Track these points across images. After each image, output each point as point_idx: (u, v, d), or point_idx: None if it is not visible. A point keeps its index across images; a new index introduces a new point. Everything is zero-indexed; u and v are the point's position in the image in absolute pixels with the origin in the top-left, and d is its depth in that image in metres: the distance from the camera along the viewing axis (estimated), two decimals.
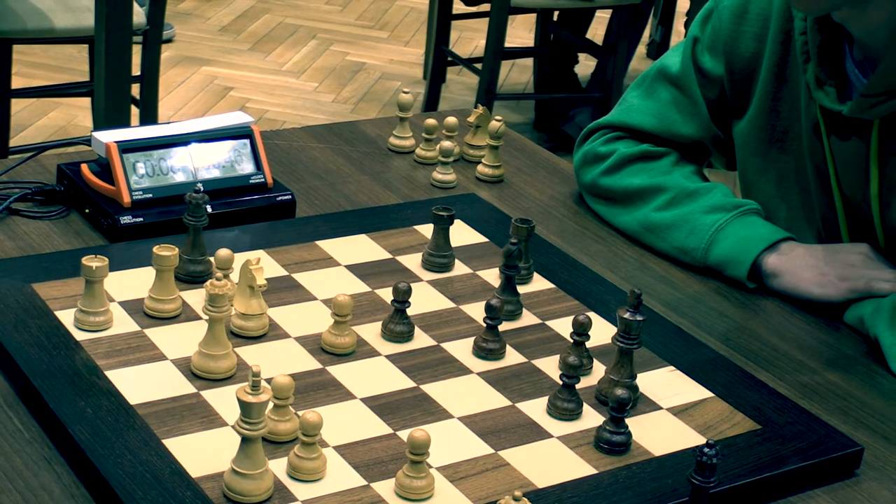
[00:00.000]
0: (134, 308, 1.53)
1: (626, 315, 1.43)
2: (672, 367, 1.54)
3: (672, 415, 1.46)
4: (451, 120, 2.07)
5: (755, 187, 1.88)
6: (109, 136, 1.76)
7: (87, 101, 3.80)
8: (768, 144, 1.84)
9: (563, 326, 1.59)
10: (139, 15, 3.61)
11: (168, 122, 1.83)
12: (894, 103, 1.62)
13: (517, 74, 5.27)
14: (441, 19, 4.67)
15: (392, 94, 5.03)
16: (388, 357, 1.51)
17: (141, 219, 1.72)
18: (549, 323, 1.62)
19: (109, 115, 3.55)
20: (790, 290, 1.75)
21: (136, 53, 3.64)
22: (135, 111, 3.72)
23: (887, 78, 1.62)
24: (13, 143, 3.77)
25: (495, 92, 4.53)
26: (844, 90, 1.70)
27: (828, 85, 1.70)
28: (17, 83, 3.71)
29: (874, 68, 1.65)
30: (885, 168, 1.70)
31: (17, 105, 3.82)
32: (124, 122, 3.57)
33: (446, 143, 1.99)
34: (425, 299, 1.63)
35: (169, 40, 3.90)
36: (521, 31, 4.99)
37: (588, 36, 4.93)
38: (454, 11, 4.66)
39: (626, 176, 1.89)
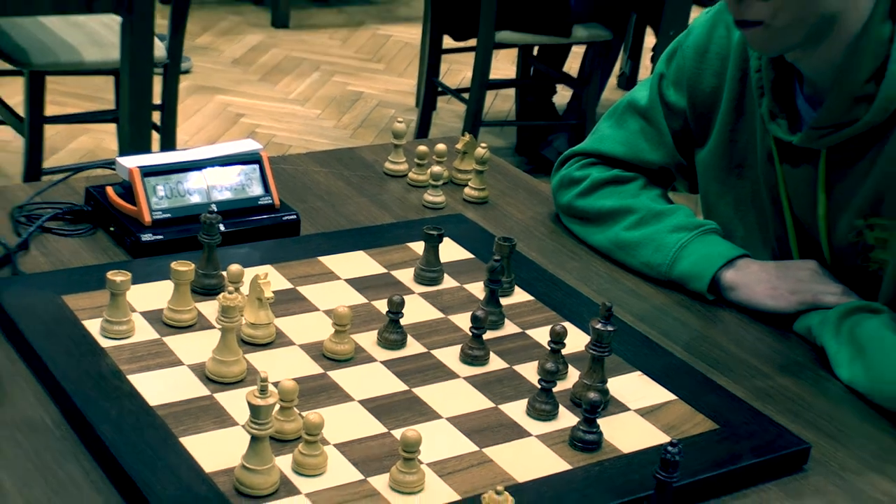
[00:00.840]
0: (154, 318, 1.53)
1: (598, 325, 1.43)
2: (640, 373, 1.55)
3: (639, 416, 1.46)
4: (441, 147, 2.06)
5: (715, 209, 1.88)
6: (132, 162, 1.76)
7: (112, 126, 3.80)
8: (727, 171, 1.84)
9: (541, 335, 1.59)
10: (160, 49, 3.61)
11: (185, 149, 1.83)
12: (839, 135, 1.63)
13: (500, 103, 5.27)
14: (432, 53, 4.67)
15: (387, 121, 5.03)
16: (383, 363, 1.51)
17: (160, 236, 1.72)
18: (528, 332, 1.62)
19: (133, 140, 3.54)
20: (746, 302, 1.76)
21: (157, 84, 3.63)
22: (155, 136, 3.71)
23: (833, 113, 1.62)
24: (46, 164, 3.76)
25: (481, 119, 4.54)
26: (795, 122, 1.71)
27: (780, 118, 1.70)
28: (50, 111, 3.71)
29: (821, 103, 1.66)
30: (832, 192, 1.70)
31: (50, 130, 3.81)
32: (146, 147, 3.57)
33: (436, 168, 1.99)
34: (417, 310, 1.63)
35: (187, 71, 3.90)
36: (504, 64, 4.99)
37: (565, 69, 4.93)
38: (444, 46, 4.66)
39: (598, 198, 1.89)
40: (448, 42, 4.68)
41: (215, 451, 1.29)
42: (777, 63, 1.70)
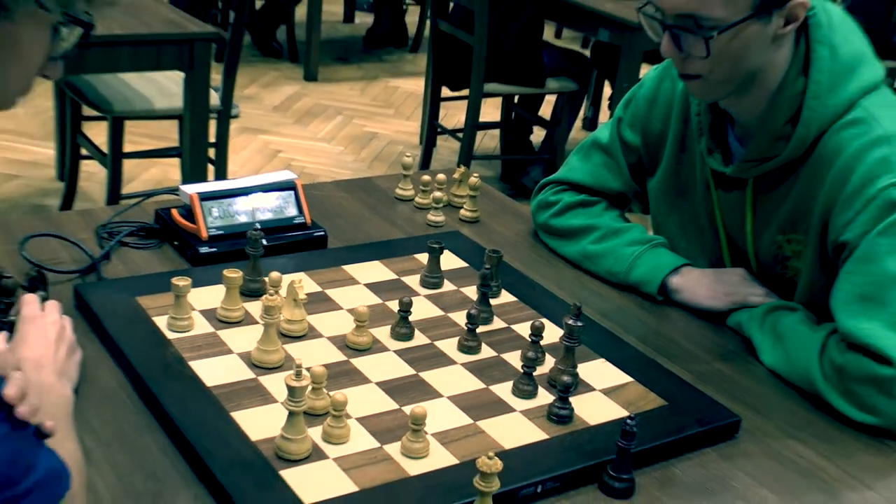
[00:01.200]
0: (209, 315, 1.53)
1: (570, 321, 1.43)
2: (604, 360, 1.54)
3: (603, 395, 1.46)
4: (441, 176, 2.05)
5: (663, 227, 1.88)
6: (192, 189, 1.76)
7: (176, 161, 3.79)
8: (673, 196, 1.84)
9: (523, 329, 1.59)
10: (214, 98, 3.60)
11: (234, 179, 1.82)
12: (763, 167, 1.63)
13: (488, 141, 5.27)
14: (433, 101, 4.68)
15: (397, 156, 5.03)
16: (395, 352, 1.51)
17: (215, 249, 1.72)
18: (513, 327, 1.62)
19: (192, 172, 3.54)
20: (688, 302, 1.75)
21: (212, 126, 3.63)
22: (210, 168, 3.70)
23: (758, 149, 1.63)
24: (124, 191, 3.76)
25: (472, 154, 4.54)
26: (727, 156, 1.71)
27: (716, 153, 1.70)
28: (127, 148, 3.71)
29: (749, 141, 1.66)
30: (757, 213, 1.70)
31: (127, 164, 3.81)
32: (203, 177, 3.57)
33: (437, 194, 1.98)
34: (422, 309, 1.63)
35: (236, 116, 3.91)
36: (491, 110, 4.99)
37: (539, 113, 4.92)
38: (442, 95, 4.66)
39: (568, 218, 1.89)
40: (445, 92, 4.68)
41: (259, 424, 1.30)
42: (713, 108, 1.70)
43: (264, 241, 1.62)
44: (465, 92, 4.43)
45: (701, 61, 1.53)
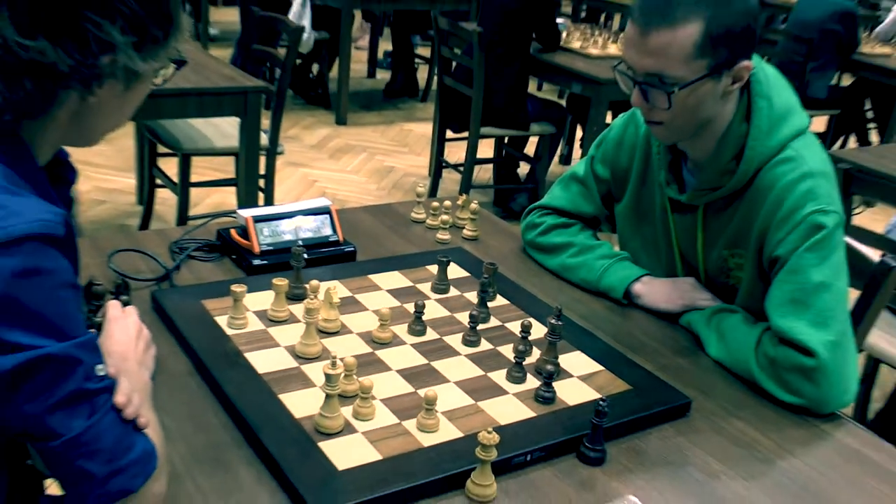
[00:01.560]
0: (261, 315, 1.52)
1: (553, 321, 1.43)
2: (580, 352, 1.53)
3: (580, 381, 1.45)
4: (447, 203, 2.06)
5: (628, 244, 1.87)
6: (246, 213, 1.76)
7: (233, 189, 3.79)
8: (636, 219, 1.83)
9: (515, 328, 1.58)
10: (263, 139, 3.61)
11: (280, 205, 1.81)
12: (712, 195, 1.63)
13: (483, 173, 5.27)
14: (439, 141, 4.68)
15: (411, 185, 5.03)
16: (411, 345, 1.50)
17: (265, 261, 1.71)
18: (506, 325, 1.60)
19: (246, 198, 3.54)
20: (648, 305, 1.74)
21: (262, 161, 3.63)
22: (260, 195, 3.71)
23: (708, 181, 1.63)
24: (191, 213, 3.77)
25: (471, 184, 4.54)
26: (682, 186, 1.70)
27: (672, 184, 1.70)
28: (193, 178, 3.71)
29: (699, 175, 1.65)
30: (706, 233, 1.69)
31: (193, 191, 3.82)
32: (254, 202, 3.57)
33: (444, 217, 1.98)
34: (433, 310, 1.62)
35: (281, 153, 3.91)
36: (486, 148, 4.98)
37: (525, 151, 4.92)
38: (447, 136, 4.66)
39: (551, 237, 1.88)
40: (450, 134, 4.68)
41: (301, 404, 1.29)
42: (670, 147, 1.70)
43: (305, 255, 1.61)
44: (466, 134, 4.44)
45: (663, 111, 1.52)
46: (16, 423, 0.94)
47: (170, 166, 3.88)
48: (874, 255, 1.96)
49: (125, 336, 1.23)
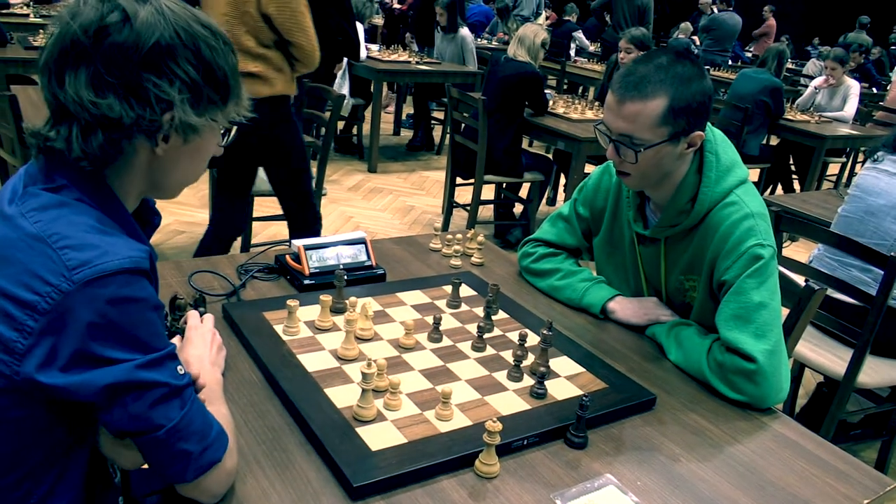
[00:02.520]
0: (310, 325, 1.50)
1: (545, 331, 1.41)
2: (566, 357, 1.51)
3: (566, 380, 1.43)
4: (458, 236, 2.05)
5: (604, 270, 1.85)
6: (299, 242, 1.75)
7: (286, 222, 3.79)
8: (610, 249, 1.82)
9: (513, 337, 1.56)
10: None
11: (325, 236, 1.81)
12: (671, 230, 1.63)
13: (486, 211, 5.26)
14: (451, 185, 4.67)
15: (428, 221, 5.02)
16: (430, 350, 1.48)
17: (313, 281, 1.70)
18: (507, 335, 1.58)
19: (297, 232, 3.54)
20: (620, 319, 1.72)
21: None
22: None
23: (667, 220, 1.62)
24: (253, 242, 3.76)
25: (476, 220, 4.53)
26: (646, 223, 1.69)
27: (638, 221, 1.69)
28: (255, 214, 3.71)
29: (659, 214, 1.65)
30: (667, 261, 1.68)
31: (255, 225, 3.82)
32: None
33: (456, 247, 1.97)
34: (448, 322, 1.60)
35: (324, 194, 3.91)
36: (488, 192, 4.98)
37: (519, 194, 4.92)
38: (457, 182, 4.66)
39: (542, 263, 1.87)
40: (459, 180, 4.68)
41: (342, 397, 1.27)
42: (638, 192, 1.69)
43: (346, 277, 1.60)
44: (472, 180, 4.43)
45: (631, 164, 1.53)
46: (127, 424, 0.93)
47: None
48: (800, 280, 1.95)
49: (202, 341, 1.24)
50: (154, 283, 1.00)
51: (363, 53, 6.01)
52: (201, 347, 1.22)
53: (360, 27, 5.91)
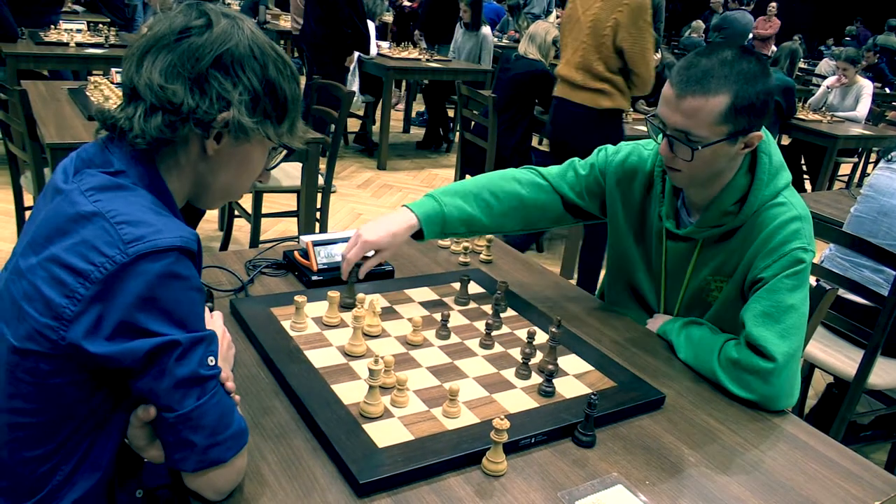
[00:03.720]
0: (318, 321, 1.50)
1: (553, 329, 1.40)
2: (575, 355, 1.50)
3: (574, 378, 1.42)
4: None
5: (619, 253, 1.80)
6: (307, 238, 1.75)
7: (295, 219, 3.80)
8: (637, 239, 1.77)
9: (522, 334, 1.56)
10: (320, 180, 3.61)
11: (333, 232, 1.80)
12: (711, 231, 1.60)
13: None
14: None
15: None
16: (438, 347, 1.47)
17: (321, 277, 1.70)
18: (515, 332, 1.58)
19: (306, 227, 3.54)
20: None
21: (319, 197, 3.64)
22: (317, 225, 3.71)
23: (709, 221, 1.59)
24: (262, 238, 3.77)
25: None
26: (677, 219, 1.68)
27: (670, 218, 1.67)
28: (264, 210, 3.71)
29: (694, 213, 1.64)
30: (698, 261, 1.65)
31: (264, 221, 3.83)
32: (312, 231, 3.57)
33: (465, 244, 1.96)
34: (456, 319, 1.60)
35: (334, 191, 3.90)
36: None
37: None
38: (466, 179, 4.64)
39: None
40: (468, 178, 4.66)
41: (349, 393, 1.27)
42: (673, 187, 1.66)
43: (359, 275, 1.60)
44: None
45: (684, 161, 1.49)
46: (148, 393, 0.96)
47: (245, 200, 3.89)
48: (811, 280, 1.93)
49: None
50: (199, 268, 1.03)
51: (373, 49, 6.00)
52: None
53: (370, 25, 5.90)
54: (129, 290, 0.92)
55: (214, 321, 1.27)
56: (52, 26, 5.12)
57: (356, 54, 5.57)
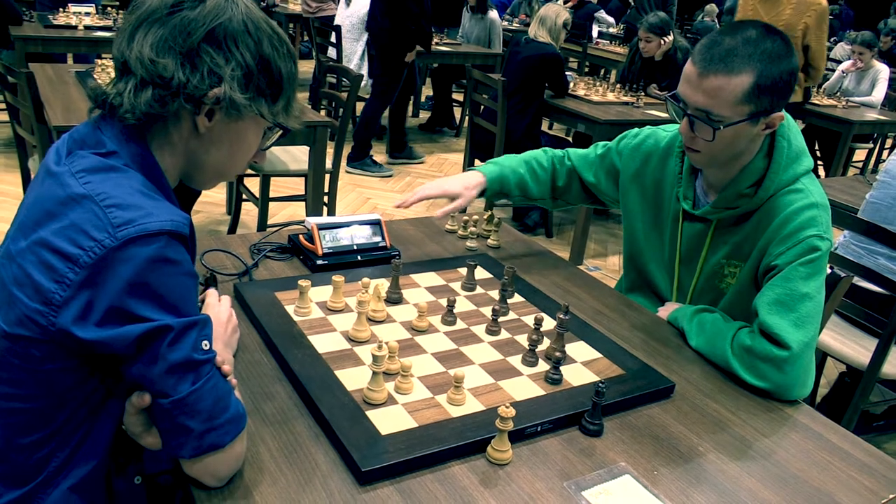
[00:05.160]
0: (322, 305, 1.48)
1: (561, 315, 1.38)
2: (583, 342, 1.48)
3: (582, 366, 1.40)
4: (475, 217, 2.02)
5: (635, 234, 1.81)
6: (313, 221, 1.72)
7: (303, 203, 3.78)
8: (652, 221, 1.76)
9: (529, 320, 1.53)
10: (328, 164, 3.59)
11: (340, 216, 1.78)
12: (727, 213, 1.58)
13: None
14: (469, 167, 4.62)
15: (446, 204, 4.99)
16: (444, 333, 1.45)
17: (326, 261, 1.68)
18: (522, 318, 1.55)
19: (313, 210, 3.53)
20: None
21: (326, 181, 3.62)
22: (324, 209, 3.69)
23: (724, 202, 1.57)
24: (269, 222, 3.76)
25: (494, 203, 4.49)
26: (695, 201, 1.66)
27: (687, 198, 1.65)
28: (272, 194, 3.70)
29: (712, 194, 1.62)
30: (712, 242, 1.64)
31: (271, 205, 3.82)
32: (319, 214, 3.55)
33: (473, 228, 1.94)
34: (462, 305, 1.57)
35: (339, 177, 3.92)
36: None
37: None
38: (475, 165, 4.61)
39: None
40: (477, 162, 4.63)
41: (353, 379, 1.25)
42: (692, 168, 1.64)
43: (359, 258, 1.58)
44: None
45: (704, 142, 1.47)
46: (142, 380, 0.94)
47: (253, 184, 3.88)
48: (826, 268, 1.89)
49: (218, 321, 1.24)
50: (191, 252, 1.01)
51: None
52: (216, 327, 1.21)
53: None
54: (118, 275, 0.90)
55: (222, 304, 1.26)
56: (62, 9, 5.11)
57: (365, 37, 5.53)
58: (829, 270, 1.75)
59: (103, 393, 1.00)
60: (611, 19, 9.62)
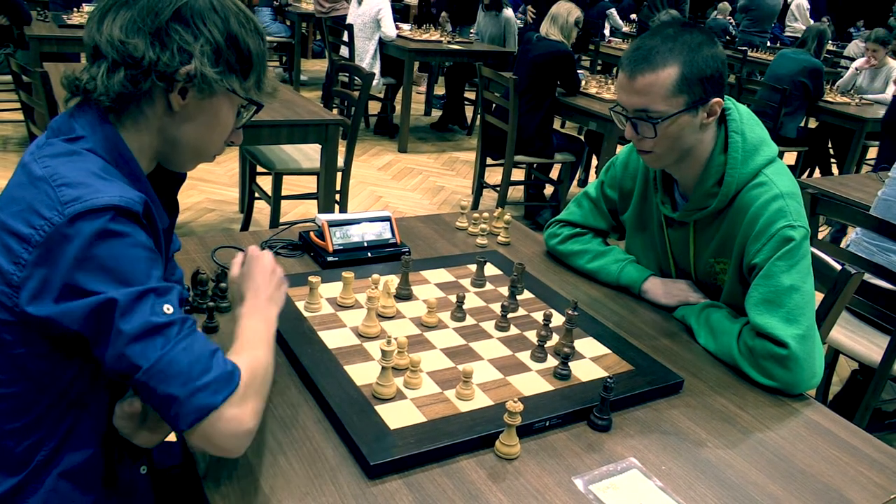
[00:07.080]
0: (332, 301, 1.49)
1: (570, 312, 1.38)
2: (591, 338, 1.48)
3: (591, 361, 1.40)
4: (486, 215, 2.02)
5: (633, 248, 1.81)
6: (323, 218, 1.73)
7: (314, 201, 3.80)
8: (640, 230, 1.78)
9: (538, 317, 1.53)
10: (340, 162, 3.60)
11: (351, 214, 1.79)
12: (700, 213, 1.59)
13: (516, 192, 5.22)
14: (481, 166, 4.63)
15: (457, 201, 4.99)
16: (453, 329, 1.46)
17: (337, 258, 1.68)
18: (531, 314, 1.55)
19: (324, 208, 3.54)
20: (652, 300, 1.69)
21: (338, 179, 3.63)
22: (336, 207, 3.70)
23: (695, 203, 1.58)
24: (281, 220, 3.77)
25: (506, 200, 4.49)
26: (674, 206, 1.66)
27: (667, 204, 1.65)
28: (284, 192, 3.72)
29: (688, 197, 1.61)
30: (696, 243, 1.64)
31: (283, 203, 3.83)
32: (331, 211, 3.56)
33: (483, 226, 1.94)
34: (472, 301, 1.58)
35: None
36: (518, 172, 4.93)
37: (550, 175, 4.87)
38: (487, 163, 4.62)
39: (569, 245, 1.84)
40: (489, 161, 4.64)
41: (362, 374, 1.25)
42: (664, 173, 1.65)
43: (369, 254, 1.58)
44: (502, 161, 4.39)
45: (651, 140, 1.49)
46: (113, 363, 0.92)
47: (265, 183, 3.90)
48: (836, 265, 1.88)
49: (261, 272, 1.18)
50: (150, 233, 0.99)
51: (394, 31, 5.96)
52: (259, 278, 1.17)
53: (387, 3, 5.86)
54: (67, 252, 0.90)
55: (264, 259, 1.21)
56: (76, 9, 5.15)
57: (378, 37, 5.54)
58: (839, 267, 1.74)
59: (87, 382, 1.00)
60: (621, 22, 9.58)
